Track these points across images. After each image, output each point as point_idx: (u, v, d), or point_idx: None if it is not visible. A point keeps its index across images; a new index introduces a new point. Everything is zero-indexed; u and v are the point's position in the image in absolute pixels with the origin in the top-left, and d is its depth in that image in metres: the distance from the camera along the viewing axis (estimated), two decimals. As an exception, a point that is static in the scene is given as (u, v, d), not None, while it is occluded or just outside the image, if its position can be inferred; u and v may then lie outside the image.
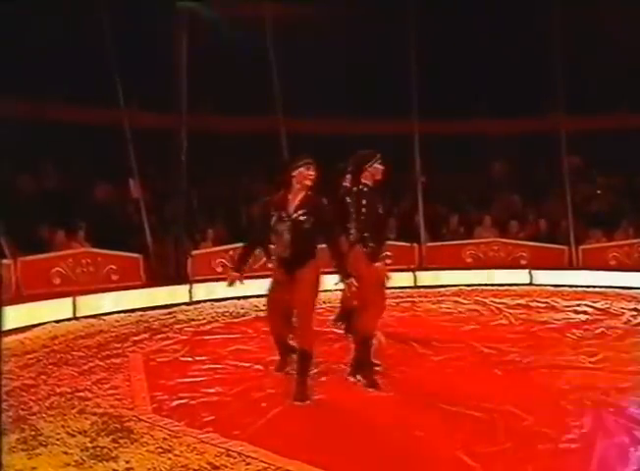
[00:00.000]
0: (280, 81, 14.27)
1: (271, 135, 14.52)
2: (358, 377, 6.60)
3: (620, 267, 13.42)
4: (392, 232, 13.51)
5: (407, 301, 11.72)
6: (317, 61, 13.86)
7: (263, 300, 11.71)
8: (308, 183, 6.11)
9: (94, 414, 5.75)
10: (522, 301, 11.47)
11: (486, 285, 12.97)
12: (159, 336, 9.12)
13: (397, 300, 11.39)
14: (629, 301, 11.31)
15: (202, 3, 13.88)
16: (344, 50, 14.53)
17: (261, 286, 7.26)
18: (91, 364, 7.51)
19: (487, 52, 14.92)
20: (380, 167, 6.84)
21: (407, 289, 12.84)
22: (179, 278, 12.34)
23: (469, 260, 13.82)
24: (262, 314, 10.67)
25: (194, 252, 12.82)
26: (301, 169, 6.12)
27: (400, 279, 13.52)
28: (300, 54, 13.66)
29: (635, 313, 10.36)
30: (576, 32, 14.21)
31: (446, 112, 15.36)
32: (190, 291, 11.77)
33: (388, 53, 14.53)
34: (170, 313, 10.74)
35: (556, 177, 15.31)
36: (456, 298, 11.87)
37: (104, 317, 10.24)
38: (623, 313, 10.36)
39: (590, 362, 7.34)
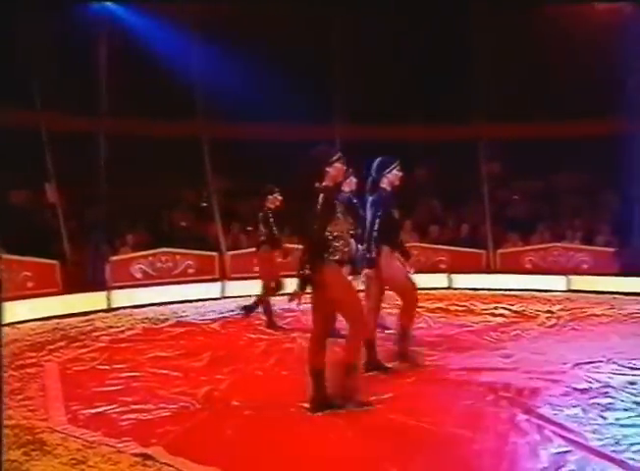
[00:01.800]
0: (201, 86, 14.18)
1: (192, 140, 14.41)
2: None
3: (536, 270, 13.79)
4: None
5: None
6: (232, 64, 13.77)
7: (183, 306, 11.83)
8: (341, 179, 5.99)
9: (5, 426, 5.57)
10: (441, 305, 11.66)
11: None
12: (76, 344, 8.95)
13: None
14: (544, 304, 11.63)
15: (122, 4, 13.69)
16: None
17: (180, 292, 7.30)
18: (4, 374, 7.27)
19: (410, 58, 15.11)
20: (398, 173, 7.17)
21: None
22: (97, 284, 12.12)
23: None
24: (182, 320, 10.70)
25: (113, 258, 12.61)
26: (337, 164, 5.78)
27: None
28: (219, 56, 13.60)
29: (549, 315, 10.66)
30: (498, 40, 14.50)
31: (367, 117, 15.48)
32: (109, 298, 11.59)
33: (309, 55, 14.57)
34: (87, 320, 10.56)
35: (475, 182, 15.63)
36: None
37: (19, 325, 10.00)
38: (538, 315, 10.65)
39: (505, 363, 7.49)
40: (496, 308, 11.23)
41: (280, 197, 9.87)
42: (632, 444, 4.92)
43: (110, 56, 13.48)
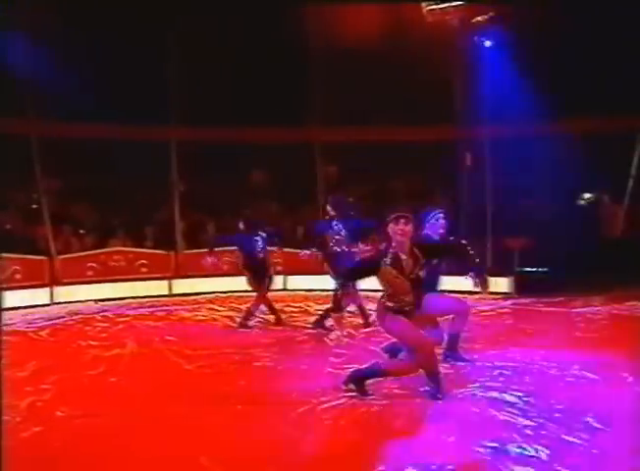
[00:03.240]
0: (30, 83, 13.55)
1: (21, 138, 13.75)
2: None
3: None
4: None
5: (162, 310, 11.61)
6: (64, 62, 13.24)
7: (9, 314, 11.24)
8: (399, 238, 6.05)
9: None
10: (277, 307, 11.71)
11: (241, 291, 13.11)
12: None
13: (151, 309, 11.26)
14: (375, 303, 11.91)
15: None
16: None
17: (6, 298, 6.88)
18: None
19: (247, 60, 15.08)
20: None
21: (163, 298, 12.72)
22: None
23: (225, 267, 13.92)
24: (8, 328, 10.17)
25: None
26: (391, 224, 6.10)
27: (155, 287, 13.47)
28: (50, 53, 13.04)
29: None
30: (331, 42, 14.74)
31: (204, 118, 15.33)
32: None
33: (144, 55, 14.25)
34: None
35: (311, 185, 15.85)
36: (212, 305, 11.94)
37: None
38: (370, 314, 10.90)
39: (338, 363, 7.60)
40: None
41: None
42: (457, 434, 5.14)
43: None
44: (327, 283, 13.51)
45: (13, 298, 11.93)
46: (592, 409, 5.57)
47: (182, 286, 13.73)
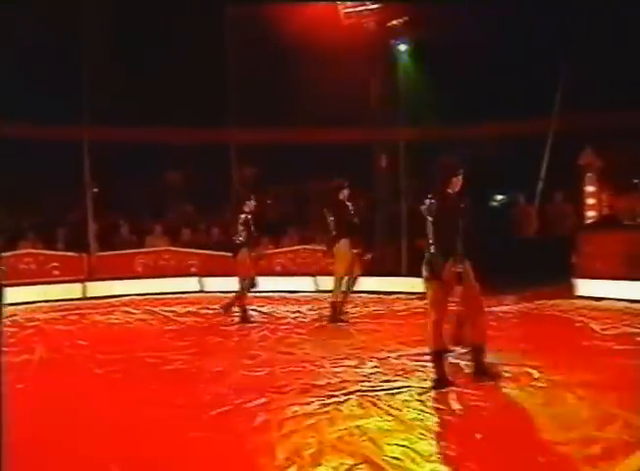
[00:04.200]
0: None
1: None
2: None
3: (285, 272, 14.16)
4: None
5: (75, 313, 11.35)
6: None
7: None
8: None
9: None
10: (192, 309, 11.65)
11: (157, 294, 12.98)
12: None
13: (64, 313, 11.01)
14: (293, 305, 11.99)
15: None
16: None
17: None
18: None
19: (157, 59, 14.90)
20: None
21: (76, 301, 12.44)
22: None
23: (140, 269, 13.74)
24: None
25: None
26: (460, 175, 6.57)
27: (68, 290, 13.16)
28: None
29: (297, 315, 11.00)
30: (248, 41, 14.67)
31: (117, 118, 15.06)
32: None
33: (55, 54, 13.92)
34: None
35: (228, 186, 15.76)
36: (127, 308, 11.74)
37: None
38: (287, 316, 10.95)
39: (251, 365, 7.59)
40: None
41: (254, 203, 10.58)
42: (365, 434, 5.17)
43: None
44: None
45: None
46: (503, 407, 5.70)
47: (96, 288, 13.46)
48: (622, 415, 5.38)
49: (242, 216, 10.45)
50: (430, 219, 6.44)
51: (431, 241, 6.44)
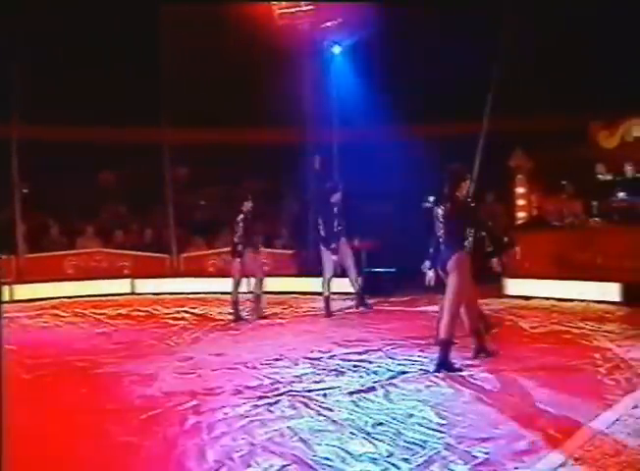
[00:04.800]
0: None
1: None
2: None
3: (219, 273, 14.07)
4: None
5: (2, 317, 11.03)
6: None
7: None
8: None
9: None
10: (123, 311, 11.49)
11: (88, 296, 12.76)
12: None
13: (-11, 317, 10.67)
14: (226, 306, 11.89)
15: None
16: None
17: None
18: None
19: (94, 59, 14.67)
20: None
21: (3, 304, 12.10)
22: None
23: (71, 271, 13.49)
24: None
25: None
26: (468, 181, 7.44)
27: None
28: None
29: (232, 317, 10.94)
30: (186, 41, 14.54)
31: (50, 117, 14.78)
32: None
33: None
34: None
35: (161, 187, 15.59)
36: (56, 311, 11.52)
37: None
38: (220, 317, 10.88)
39: (183, 367, 7.52)
40: (178, 312, 11.33)
41: (251, 204, 10.68)
42: (296, 434, 5.17)
43: None
44: (175, 286, 13.52)
45: None
46: (433, 405, 5.76)
47: (24, 291, 13.14)
48: (548, 411, 5.51)
49: (241, 216, 10.57)
50: (442, 220, 7.16)
51: (442, 240, 7.18)
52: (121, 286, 13.42)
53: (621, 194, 12.31)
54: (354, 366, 7.22)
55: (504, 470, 4.47)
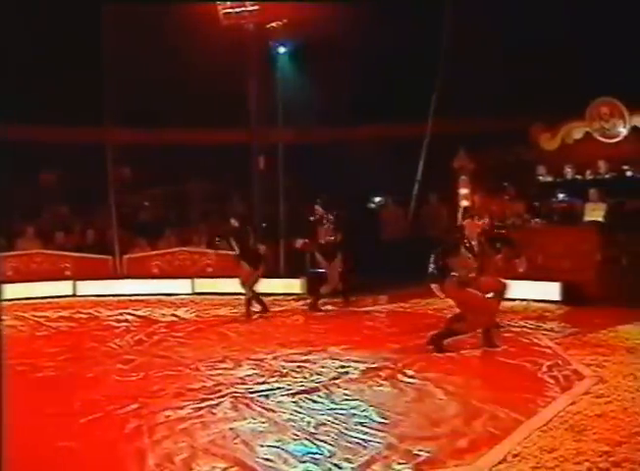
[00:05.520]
0: None
1: None
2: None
3: (163, 275, 13.93)
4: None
5: None
6: None
7: None
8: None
9: None
10: (65, 313, 11.30)
11: (28, 298, 12.51)
12: None
13: None
14: (169, 307, 11.83)
15: None
16: None
17: None
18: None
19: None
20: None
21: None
22: None
23: (10, 273, 13.19)
24: None
25: None
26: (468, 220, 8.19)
27: None
28: None
29: (175, 318, 10.87)
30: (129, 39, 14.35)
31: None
32: None
33: None
34: None
35: (103, 187, 15.34)
36: (-6, 314, 11.23)
37: None
38: (163, 319, 10.78)
39: (125, 370, 7.43)
40: (121, 314, 11.17)
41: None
42: (238, 436, 5.15)
43: None
44: (118, 288, 13.33)
45: None
46: (375, 405, 5.80)
47: (-38, 294, 12.83)
48: (488, 409, 5.59)
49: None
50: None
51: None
52: (62, 288, 13.17)
53: (561, 196, 12.53)
54: (298, 367, 7.22)
55: (444, 468, 4.53)
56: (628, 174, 12.28)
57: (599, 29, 13.21)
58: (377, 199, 16.86)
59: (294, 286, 12.84)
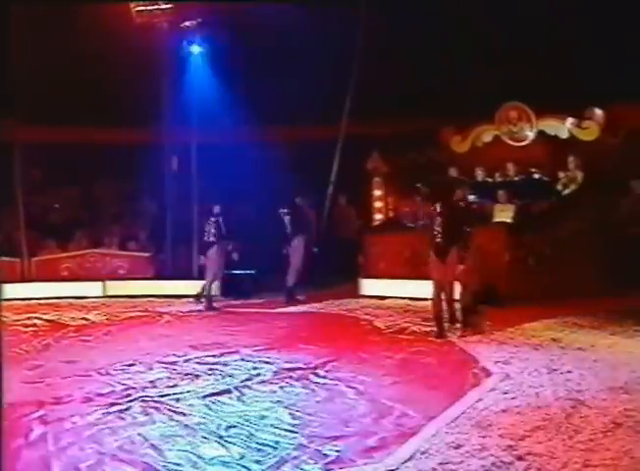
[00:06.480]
0: None
1: None
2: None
3: (73, 277, 13.63)
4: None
5: None
6: None
7: None
8: None
9: None
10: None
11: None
12: None
13: None
14: (80, 311, 11.59)
15: None
16: None
17: None
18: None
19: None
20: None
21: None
22: None
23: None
24: None
25: None
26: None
27: None
28: None
29: (84, 322, 10.65)
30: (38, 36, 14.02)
31: None
32: None
33: None
34: None
35: (10, 187, 14.90)
36: None
37: None
38: (73, 323, 10.56)
39: (32, 375, 7.22)
40: (29, 318, 10.90)
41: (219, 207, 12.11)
42: (147, 441, 5.08)
43: None
44: (26, 291, 12.97)
45: None
46: (286, 406, 5.81)
47: None
48: (398, 407, 5.67)
49: (212, 219, 11.92)
50: (439, 219, 8.67)
51: (439, 234, 8.61)
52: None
53: (472, 197, 12.79)
54: (210, 369, 7.18)
55: (353, 467, 4.57)
56: (535, 176, 12.67)
57: (508, 34, 13.57)
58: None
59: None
